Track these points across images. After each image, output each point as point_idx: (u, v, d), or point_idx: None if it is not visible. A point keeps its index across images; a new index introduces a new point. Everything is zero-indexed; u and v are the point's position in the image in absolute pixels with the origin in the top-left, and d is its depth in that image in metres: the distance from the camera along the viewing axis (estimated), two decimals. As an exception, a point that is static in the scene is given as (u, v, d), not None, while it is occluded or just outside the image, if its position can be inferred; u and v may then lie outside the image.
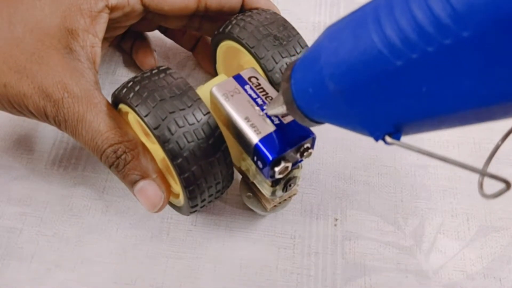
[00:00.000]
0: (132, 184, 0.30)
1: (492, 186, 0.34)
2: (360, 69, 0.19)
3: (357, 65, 0.19)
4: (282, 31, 0.33)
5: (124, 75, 0.44)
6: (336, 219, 0.37)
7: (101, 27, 0.32)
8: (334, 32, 0.21)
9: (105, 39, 0.34)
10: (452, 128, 0.20)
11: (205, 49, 0.42)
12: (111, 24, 0.34)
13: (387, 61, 0.18)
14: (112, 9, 0.33)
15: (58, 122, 0.30)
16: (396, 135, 0.21)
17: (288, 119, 0.29)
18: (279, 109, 0.26)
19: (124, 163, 0.30)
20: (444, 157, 0.19)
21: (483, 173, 0.19)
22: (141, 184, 0.30)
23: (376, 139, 0.21)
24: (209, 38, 0.42)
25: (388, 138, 0.21)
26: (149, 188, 0.30)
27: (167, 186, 0.32)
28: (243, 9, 0.36)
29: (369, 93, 0.20)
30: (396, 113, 0.20)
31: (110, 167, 0.31)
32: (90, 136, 0.29)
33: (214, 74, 0.41)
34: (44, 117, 0.30)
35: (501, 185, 0.18)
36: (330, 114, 0.22)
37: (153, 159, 0.31)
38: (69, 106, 0.29)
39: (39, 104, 0.30)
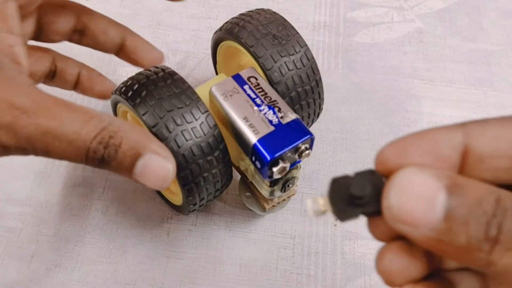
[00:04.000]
0: (131, 167, 0.25)
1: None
2: None
3: None
4: (281, 31, 0.33)
5: (124, 75, 0.44)
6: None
7: (13, 21, 0.26)
8: None
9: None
10: None
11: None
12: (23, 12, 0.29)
13: None
14: None
15: (22, 148, 0.24)
16: None
17: (286, 119, 0.29)
18: None
19: (115, 148, 0.25)
20: None
21: None
22: (141, 163, 0.25)
23: None
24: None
25: None
26: (153, 163, 0.25)
27: (168, 151, 0.26)
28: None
29: None
30: None
31: (99, 163, 0.25)
32: (66, 142, 0.24)
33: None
34: (3, 151, 0.25)
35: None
36: None
37: (142, 128, 0.26)
38: (27, 123, 0.23)
39: None
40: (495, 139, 0.18)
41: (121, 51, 0.35)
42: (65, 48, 0.34)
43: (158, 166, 0.25)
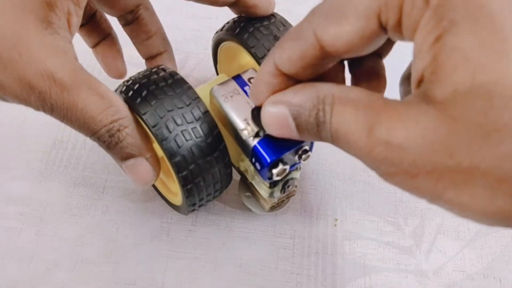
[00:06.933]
0: (123, 159, 0.29)
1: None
2: None
3: None
4: (282, 31, 0.33)
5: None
6: (336, 219, 0.37)
7: None
8: None
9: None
10: None
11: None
12: None
13: None
14: None
15: (43, 110, 0.27)
16: None
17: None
18: None
19: (117, 141, 0.28)
20: None
21: None
22: (132, 161, 0.29)
23: None
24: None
25: None
26: (141, 166, 0.29)
27: (159, 163, 0.31)
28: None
29: None
30: None
31: (99, 143, 0.29)
32: (81, 121, 0.27)
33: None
34: (25, 105, 0.27)
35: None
36: None
37: (146, 136, 0.30)
38: (57, 96, 0.26)
39: (21, 96, 0.26)
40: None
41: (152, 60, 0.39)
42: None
43: (144, 170, 0.30)
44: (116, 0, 0.35)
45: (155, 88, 0.29)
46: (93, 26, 0.37)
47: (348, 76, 0.27)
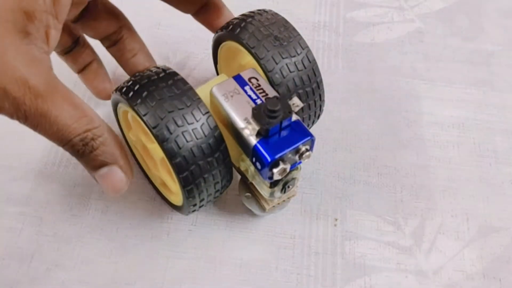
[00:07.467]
0: (95, 169, 0.29)
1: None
2: None
3: None
4: (282, 32, 0.33)
5: (124, 74, 0.44)
6: (336, 219, 0.37)
7: (63, 8, 0.29)
8: None
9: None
10: None
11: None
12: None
13: None
14: None
15: (17, 117, 0.27)
16: None
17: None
18: None
19: (90, 149, 0.28)
20: None
21: None
22: (106, 170, 0.29)
23: None
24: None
25: None
26: (114, 174, 0.29)
27: (132, 171, 0.31)
28: None
29: None
30: None
31: (72, 153, 0.29)
32: (55, 129, 0.27)
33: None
34: None
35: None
36: None
37: (120, 144, 0.30)
38: (31, 103, 0.27)
39: None
40: None
41: None
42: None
43: (117, 179, 0.29)
44: (98, 24, 0.36)
45: (155, 89, 0.29)
46: (77, 52, 0.38)
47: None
